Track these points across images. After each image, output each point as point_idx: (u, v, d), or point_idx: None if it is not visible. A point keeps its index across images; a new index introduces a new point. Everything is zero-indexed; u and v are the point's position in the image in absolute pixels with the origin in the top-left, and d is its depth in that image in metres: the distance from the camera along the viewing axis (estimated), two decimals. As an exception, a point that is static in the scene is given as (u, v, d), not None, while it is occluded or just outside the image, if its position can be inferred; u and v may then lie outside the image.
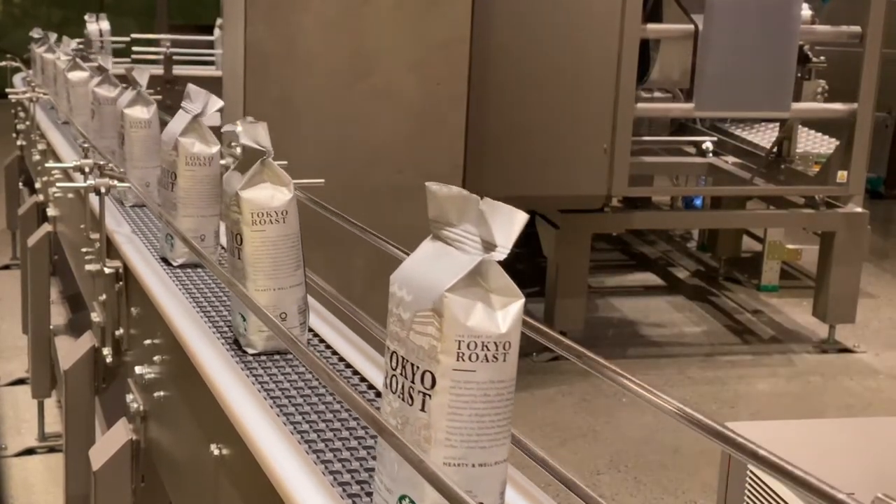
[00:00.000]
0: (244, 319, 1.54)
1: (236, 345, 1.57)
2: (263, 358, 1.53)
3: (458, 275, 0.90)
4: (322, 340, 1.61)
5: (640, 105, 4.83)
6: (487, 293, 0.92)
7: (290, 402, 1.38)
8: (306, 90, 4.09)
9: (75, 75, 3.47)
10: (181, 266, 2.00)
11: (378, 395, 1.37)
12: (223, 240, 1.84)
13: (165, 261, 2.04)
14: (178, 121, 1.92)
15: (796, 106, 5.03)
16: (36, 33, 5.16)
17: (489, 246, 0.90)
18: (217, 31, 7.44)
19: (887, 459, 2.34)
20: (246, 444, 1.26)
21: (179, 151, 1.91)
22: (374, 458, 1.21)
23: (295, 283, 1.51)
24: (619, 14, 4.63)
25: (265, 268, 1.49)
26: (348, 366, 1.51)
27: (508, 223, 0.89)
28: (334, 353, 1.57)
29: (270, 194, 1.48)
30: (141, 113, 2.37)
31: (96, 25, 7.27)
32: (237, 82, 4.14)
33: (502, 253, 0.90)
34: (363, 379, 1.46)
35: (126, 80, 2.53)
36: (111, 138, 2.69)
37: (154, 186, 2.33)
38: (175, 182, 1.93)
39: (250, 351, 1.54)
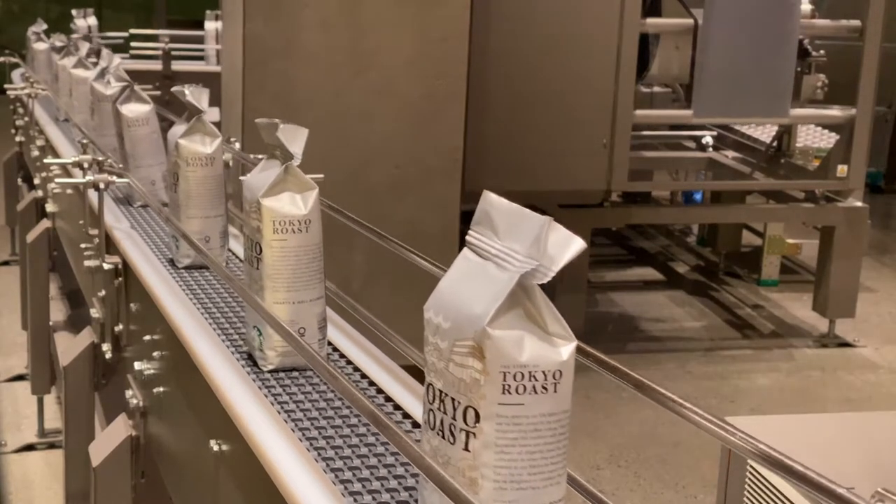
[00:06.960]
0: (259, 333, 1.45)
1: (250, 359, 1.57)
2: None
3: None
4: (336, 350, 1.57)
5: (638, 112, 4.83)
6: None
7: (290, 398, 1.38)
8: (305, 85, 4.09)
9: (132, 108, 2.51)
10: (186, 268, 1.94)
11: (395, 408, 1.37)
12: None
13: (172, 262, 2.00)
14: None
15: (795, 112, 5.03)
16: (59, 41, 4.41)
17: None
18: (208, 25, 7.36)
19: (887, 454, 2.34)
20: (245, 440, 1.26)
21: None
22: (375, 455, 1.21)
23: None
24: (619, 8, 4.63)
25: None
26: (364, 376, 1.47)
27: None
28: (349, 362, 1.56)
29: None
30: (202, 147, 1.88)
31: (84, 21, 6.32)
32: (236, 77, 4.13)
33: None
34: (380, 391, 1.41)
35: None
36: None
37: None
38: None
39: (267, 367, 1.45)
